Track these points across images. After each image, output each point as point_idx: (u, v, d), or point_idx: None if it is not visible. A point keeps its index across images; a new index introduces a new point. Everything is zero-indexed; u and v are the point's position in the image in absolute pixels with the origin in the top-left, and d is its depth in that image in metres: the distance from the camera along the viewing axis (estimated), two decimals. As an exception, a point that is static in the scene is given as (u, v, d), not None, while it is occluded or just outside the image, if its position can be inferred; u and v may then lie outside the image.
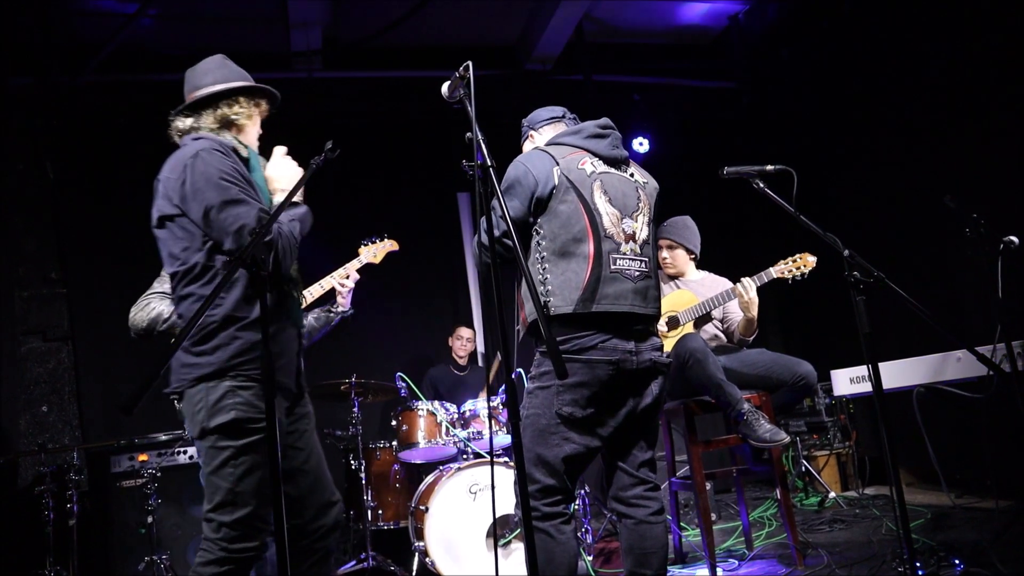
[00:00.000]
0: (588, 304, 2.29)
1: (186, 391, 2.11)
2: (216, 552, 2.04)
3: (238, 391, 2.06)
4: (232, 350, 2.08)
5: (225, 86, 2.30)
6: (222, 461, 2.06)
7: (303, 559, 2.24)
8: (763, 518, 4.62)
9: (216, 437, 2.06)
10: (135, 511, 4.29)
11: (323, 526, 2.27)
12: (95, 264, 5.59)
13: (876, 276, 2.31)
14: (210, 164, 2.10)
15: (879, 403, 2.29)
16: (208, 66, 2.36)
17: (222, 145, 2.18)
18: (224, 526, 2.04)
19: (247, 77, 2.37)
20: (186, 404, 2.13)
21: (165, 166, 2.19)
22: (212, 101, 2.29)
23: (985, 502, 4.14)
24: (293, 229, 2.18)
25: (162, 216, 2.17)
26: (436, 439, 4.28)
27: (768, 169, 2.55)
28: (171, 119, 2.32)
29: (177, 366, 2.13)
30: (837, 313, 5.43)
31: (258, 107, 2.37)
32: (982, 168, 4.62)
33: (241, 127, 2.33)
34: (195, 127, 2.27)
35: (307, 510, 2.25)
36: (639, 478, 2.44)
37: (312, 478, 2.28)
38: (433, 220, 6.58)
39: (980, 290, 4.33)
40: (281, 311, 2.21)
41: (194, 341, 2.10)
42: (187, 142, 2.22)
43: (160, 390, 1.80)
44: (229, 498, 2.04)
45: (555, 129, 2.66)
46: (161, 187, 2.18)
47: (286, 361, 2.21)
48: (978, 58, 4.60)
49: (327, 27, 5.66)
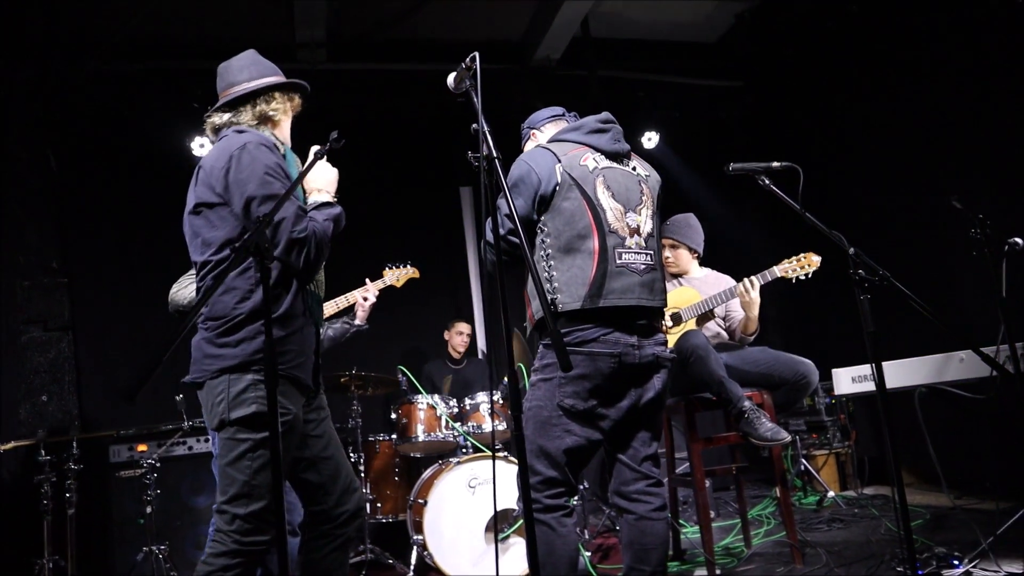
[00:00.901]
0: (596, 299, 2.29)
1: (207, 382, 2.13)
2: (228, 544, 2.05)
3: (260, 385, 2.08)
4: (257, 344, 2.10)
5: (262, 82, 2.33)
6: (240, 453, 2.07)
7: (325, 543, 2.27)
8: (762, 516, 4.62)
9: (235, 429, 2.08)
10: (134, 501, 4.29)
11: (346, 511, 2.30)
12: (96, 254, 5.59)
13: (881, 275, 2.31)
14: (257, 158, 2.13)
15: (882, 402, 2.29)
16: (243, 63, 2.38)
17: (267, 140, 2.22)
18: (238, 519, 2.06)
19: (279, 72, 2.40)
20: (206, 394, 2.14)
21: (209, 154, 2.22)
22: (250, 98, 2.32)
23: (985, 503, 4.14)
24: (327, 228, 2.19)
25: (200, 203, 2.19)
26: (436, 432, 4.28)
27: (775, 166, 2.54)
28: (208, 116, 2.35)
29: (200, 356, 2.15)
30: (838, 312, 5.43)
31: (291, 102, 2.42)
32: (987, 169, 4.61)
33: (277, 122, 2.37)
34: (234, 122, 2.30)
35: (330, 496, 2.28)
36: (641, 473, 2.43)
37: (334, 464, 2.31)
38: (435, 214, 6.57)
39: (983, 291, 4.32)
40: (304, 308, 2.23)
41: (219, 332, 2.12)
42: (228, 134, 2.25)
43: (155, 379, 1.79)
44: (245, 490, 2.06)
45: (556, 127, 2.67)
46: (203, 174, 2.20)
47: (305, 358, 2.23)
48: (985, 59, 4.58)
49: (331, 19, 5.64)
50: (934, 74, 5.01)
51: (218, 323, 2.12)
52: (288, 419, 2.13)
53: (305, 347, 2.23)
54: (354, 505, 2.32)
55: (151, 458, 4.14)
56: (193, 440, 4.67)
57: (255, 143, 2.16)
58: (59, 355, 5.32)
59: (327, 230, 2.19)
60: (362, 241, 4.32)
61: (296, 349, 2.18)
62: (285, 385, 2.14)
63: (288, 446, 2.16)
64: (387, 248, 3.99)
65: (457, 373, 5.70)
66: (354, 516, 2.31)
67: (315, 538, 2.27)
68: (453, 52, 2.16)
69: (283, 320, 2.14)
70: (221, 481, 2.11)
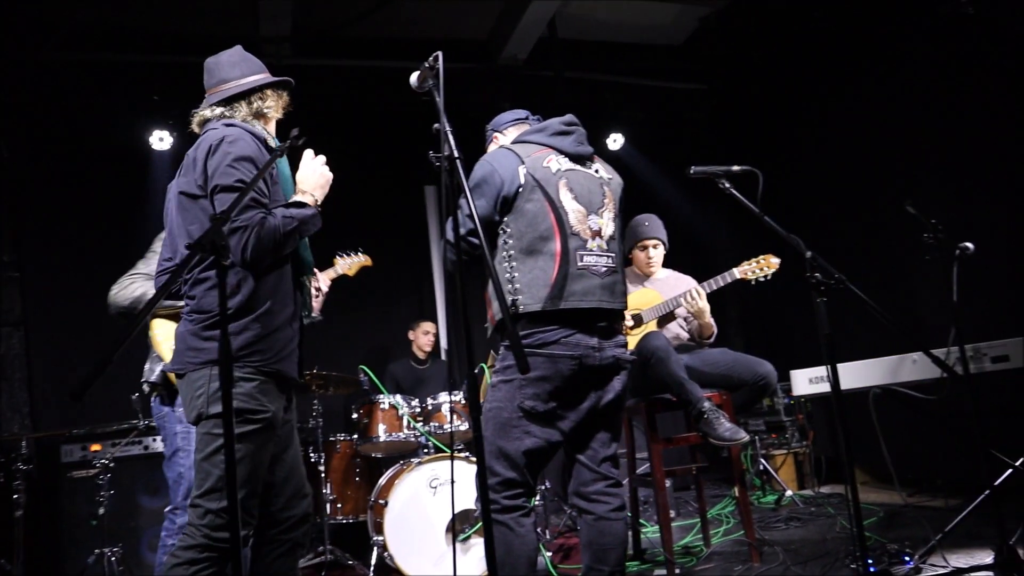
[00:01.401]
0: (556, 301, 2.30)
1: (189, 374, 2.12)
2: (198, 538, 2.04)
3: (241, 381, 2.08)
4: (242, 340, 2.10)
5: (256, 79, 2.36)
6: (216, 448, 2.06)
7: (271, 549, 2.25)
8: (721, 515, 4.68)
9: (213, 423, 2.08)
10: (86, 502, 4.19)
11: (293, 516, 2.28)
12: (50, 247, 5.45)
13: (837, 278, 2.35)
14: (230, 150, 2.13)
15: (836, 403, 2.33)
16: (233, 59, 2.40)
17: (258, 132, 2.25)
18: (210, 513, 2.05)
19: (265, 69, 2.43)
20: (186, 386, 2.14)
21: (194, 146, 2.23)
22: (247, 94, 2.35)
23: (935, 500, 4.25)
24: (282, 225, 2.14)
25: (184, 193, 2.19)
26: (397, 433, 4.26)
27: (734, 170, 2.57)
28: (199, 109, 2.35)
29: (183, 348, 2.15)
30: (797, 314, 5.52)
31: (281, 99, 2.44)
32: (941, 174, 4.73)
33: (269, 119, 2.40)
34: (226, 115, 2.31)
35: (279, 498, 2.26)
36: (600, 474, 2.45)
37: (288, 468, 2.30)
38: (400, 213, 6.53)
39: (936, 294, 4.43)
40: (290, 301, 2.23)
41: (204, 326, 2.12)
42: (216, 126, 2.25)
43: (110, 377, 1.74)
44: (219, 485, 2.05)
45: (519, 129, 2.67)
46: (185, 167, 2.21)
47: (288, 351, 2.22)
48: (941, 65, 4.70)
49: (297, 14, 5.57)
50: (892, 79, 5.13)
51: (204, 316, 2.13)
52: (267, 416, 2.12)
53: (291, 341, 2.23)
54: (302, 511, 2.31)
55: (105, 458, 4.05)
56: (148, 440, 4.58)
57: (235, 135, 2.18)
58: (9, 351, 5.18)
59: (280, 226, 2.13)
60: (325, 239, 4.25)
61: (279, 345, 2.18)
62: (266, 383, 2.14)
63: (266, 443, 2.15)
64: (351, 246, 3.93)
65: (422, 373, 5.68)
66: (301, 521, 2.30)
67: (262, 544, 2.25)
68: (419, 50, 2.15)
69: (268, 315, 2.15)
70: (196, 475, 2.10)
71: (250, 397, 2.10)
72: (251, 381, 2.11)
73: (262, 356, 2.12)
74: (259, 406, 2.11)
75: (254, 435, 2.10)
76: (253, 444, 2.09)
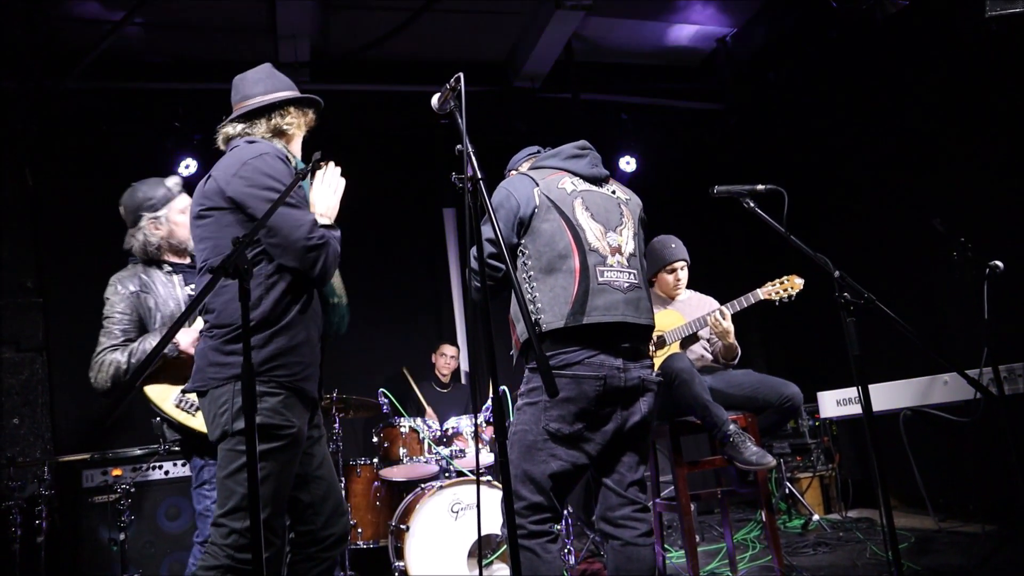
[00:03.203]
0: (579, 317, 2.28)
1: (211, 390, 2.09)
2: (221, 558, 2.00)
3: (265, 397, 2.05)
4: (265, 354, 2.08)
5: (277, 96, 2.35)
6: (240, 465, 2.02)
7: (311, 567, 2.23)
8: (747, 540, 4.59)
9: (237, 440, 2.04)
10: (107, 527, 4.18)
11: (333, 534, 2.26)
12: (72, 273, 5.48)
13: (866, 298, 2.31)
14: (269, 169, 2.14)
15: (868, 426, 2.28)
16: (258, 75, 2.40)
17: (280, 152, 2.24)
18: (234, 532, 2.01)
19: (294, 87, 2.42)
20: (208, 404, 2.10)
21: (220, 162, 2.22)
22: (266, 111, 2.33)
23: (969, 526, 4.14)
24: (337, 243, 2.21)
25: (211, 207, 2.18)
26: (418, 456, 4.22)
27: (759, 189, 2.54)
28: (221, 127, 2.36)
29: (204, 364, 2.12)
30: (819, 335, 5.45)
31: (305, 116, 2.44)
32: (968, 192, 4.66)
33: (291, 137, 2.39)
34: (247, 133, 2.31)
35: (319, 516, 2.24)
36: (628, 498, 2.40)
37: (326, 485, 2.28)
38: (419, 235, 6.54)
39: (965, 314, 4.35)
40: (315, 320, 2.23)
41: (225, 340, 2.10)
42: (240, 144, 2.25)
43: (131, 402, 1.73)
44: (243, 504, 2.00)
45: (533, 161, 2.70)
46: (212, 181, 2.20)
47: (312, 371, 2.20)
48: (965, 82, 4.65)
49: (315, 39, 5.63)
50: (915, 97, 5.08)
51: (224, 331, 2.11)
52: (292, 432, 2.09)
53: (313, 359, 2.21)
54: (341, 529, 2.28)
55: (126, 482, 4.04)
56: (169, 464, 4.57)
57: (272, 154, 2.18)
58: (32, 376, 5.20)
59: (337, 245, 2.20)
60: (345, 262, 4.27)
61: (304, 361, 2.15)
62: (291, 398, 2.11)
63: (292, 460, 2.12)
64: (370, 269, 3.92)
65: (444, 396, 5.65)
66: (340, 540, 2.27)
67: (301, 560, 2.22)
68: (437, 73, 2.15)
69: (290, 330, 2.13)
70: (220, 494, 2.06)
71: (275, 412, 2.06)
72: (275, 395, 2.07)
73: (287, 371, 2.10)
74: (284, 421, 2.07)
75: (279, 452, 2.06)
76: (278, 462, 2.06)
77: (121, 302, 2.90)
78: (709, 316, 3.56)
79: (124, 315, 2.88)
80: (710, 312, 3.59)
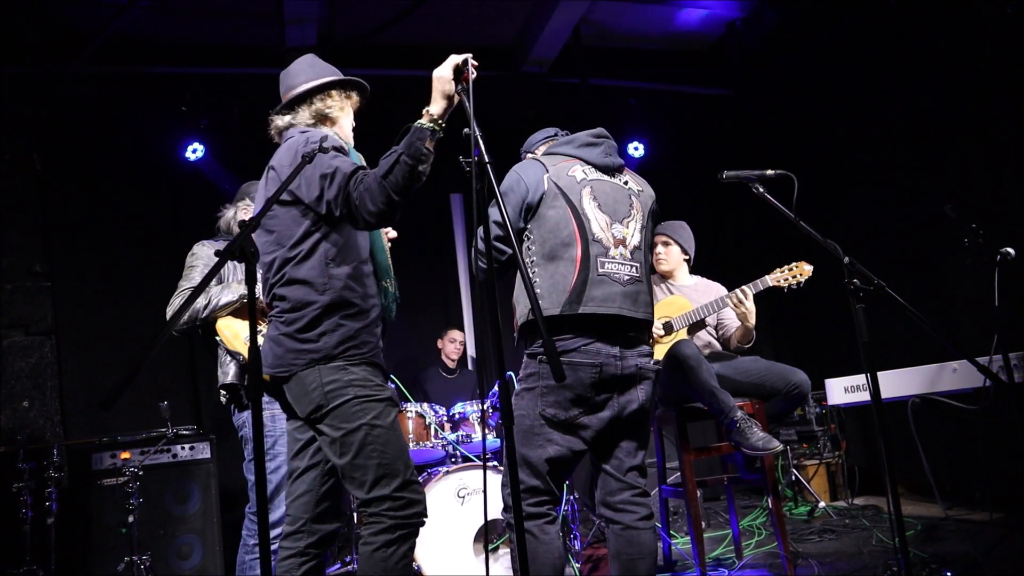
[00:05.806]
0: (575, 306, 2.30)
1: (298, 373, 2.14)
2: (386, 521, 2.08)
3: (351, 368, 2.12)
4: (337, 337, 2.13)
5: (316, 82, 2.38)
6: (360, 445, 2.09)
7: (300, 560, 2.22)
8: (752, 527, 4.59)
9: (339, 416, 2.10)
10: (116, 510, 4.20)
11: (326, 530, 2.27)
12: (81, 257, 5.50)
13: (876, 284, 2.29)
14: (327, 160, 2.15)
15: (877, 413, 2.27)
16: (300, 67, 2.45)
17: (335, 141, 2.26)
18: (387, 499, 2.09)
19: (336, 72, 2.45)
20: (296, 385, 2.15)
21: (278, 154, 2.27)
22: (306, 97, 2.37)
23: (976, 514, 4.13)
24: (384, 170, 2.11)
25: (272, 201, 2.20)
26: (425, 442, 4.23)
27: (769, 174, 2.52)
28: (270, 119, 2.40)
29: (282, 351, 2.16)
30: (827, 321, 5.42)
31: (349, 99, 2.47)
32: (979, 179, 4.61)
33: (335, 120, 2.41)
34: (293, 123, 2.35)
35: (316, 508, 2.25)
36: (627, 483, 2.43)
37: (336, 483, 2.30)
38: (426, 221, 6.52)
39: (975, 300, 4.32)
40: (375, 303, 2.27)
41: (298, 328, 2.14)
42: (293, 134, 2.29)
43: (140, 385, 1.74)
44: (381, 472, 2.09)
45: (548, 146, 2.70)
46: (273, 174, 2.24)
47: (379, 349, 2.26)
48: (977, 69, 4.59)
49: (322, 23, 5.60)
50: (926, 82, 5.02)
51: (295, 316, 2.15)
52: (388, 395, 2.17)
53: (378, 340, 2.26)
54: (334, 527, 2.30)
55: (135, 466, 4.06)
56: (178, 448, 4.59)
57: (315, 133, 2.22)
58: (41, 360, 5.23)
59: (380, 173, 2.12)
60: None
61: (372, 341, 2.21)
62: (371, 369, 2.17)
63: (396, 419, 2.19)
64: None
65: (451, 382, 5.65)
66: (332, 537, 2.29)
67: (291, 556, 2.22)
68: (444, 58, 2.14)
69: (358, 314, 2.18)
70: (356, 475, 2.10)
71: (366, 381, 2.13)
72: (359, 366, 2.14)
73: (359, 350, 2.15)
74: (376, 388, 2.14)
75: (384, 416, 2.12)
76: (386, 427, 2.12)
77: (205, 257, 3.10)
78: (734, 295, 3.53)
79: (207, 267, 3.07)
80: (733, 292, 3.55)
